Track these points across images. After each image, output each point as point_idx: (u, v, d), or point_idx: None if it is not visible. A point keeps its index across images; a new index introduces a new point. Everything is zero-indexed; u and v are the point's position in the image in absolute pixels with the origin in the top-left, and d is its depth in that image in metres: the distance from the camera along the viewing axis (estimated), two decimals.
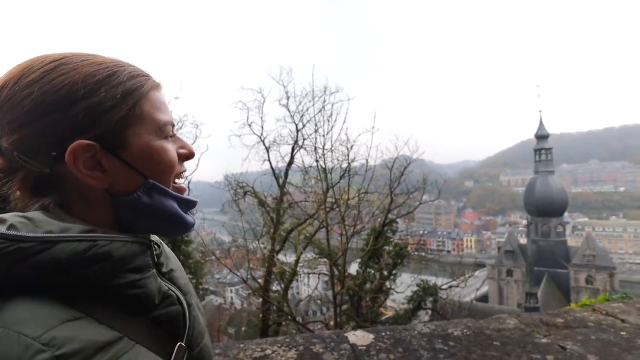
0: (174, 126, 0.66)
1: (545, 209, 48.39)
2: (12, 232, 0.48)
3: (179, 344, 0.64)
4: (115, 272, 0.54)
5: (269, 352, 1.88)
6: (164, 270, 0.68)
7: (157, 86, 0.65)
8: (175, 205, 0.63)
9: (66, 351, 0.44)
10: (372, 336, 2.02)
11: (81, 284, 0.51)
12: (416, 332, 2.07)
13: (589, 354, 1.87)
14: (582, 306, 2.66)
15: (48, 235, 0.50)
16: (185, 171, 0.69)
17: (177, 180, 0.67)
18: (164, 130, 0.63)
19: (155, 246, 0.67)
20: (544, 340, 2.01)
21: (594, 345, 1.98)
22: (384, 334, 2.05)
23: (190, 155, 0.69)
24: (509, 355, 1.83)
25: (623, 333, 2.12)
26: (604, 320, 2.32)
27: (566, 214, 57.51)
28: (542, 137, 52.26)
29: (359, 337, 2.01)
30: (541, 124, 52.32)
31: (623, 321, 2.29)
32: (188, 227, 0.67)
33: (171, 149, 0.64)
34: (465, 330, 2.11)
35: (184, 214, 0.65)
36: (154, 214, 0.61)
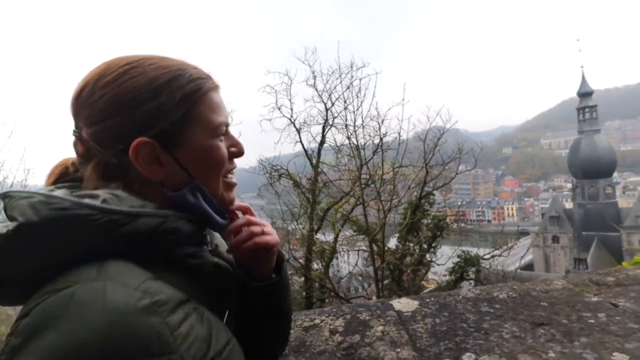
0: (227, 125, 0.72)
1: (592, 170, 45.86)
2: (105, 205, 0.57)
3: (228, 311, 0.75)
4: (179, 244, 0.63)
5: (317, 321, 1.96)
6: (210, 247, 0.76)
7: (215, 87, 0.71)
8: (208, 208, 0.69)
9: (160, 298, 0.53)
10: (416, 302, 2.06)
11: (150, 253, 0.60)
12: (460, 297, 2.09)
13: None
14: (635, 264, 2.57)
15: (132, 209, 0.59)
16: (234, 167, 0.76)
17: (229, 176, 0.74)
18: (218, 130, 0.69)
19: None
20: (594, 299, 1.98)
21: None
22: (428, 300, 2.08)
23: (239, 153, 0.75)
24: (557, 314, 1.81)
25: None
26: None
27: (615, 174, 54.41)
28: (585, 94, 49.07)
29: (404, 304, 2.06)
30: (583, 80, 49.07)
31: None
32: (218, 227, 0.74)
33: (222, 147, 0.70)
34: (511, 293, 2.10)
35: (215, 215, 0.71)
36: (194, 210, 0.68)
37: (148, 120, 0.63)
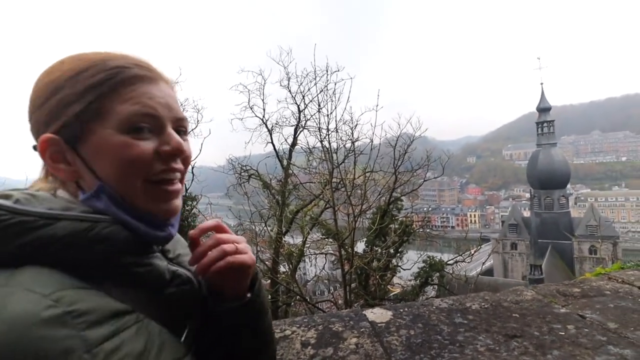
0: (160, 118, 0.60)
1: (548, 182, 48.34)
2: (15, 205, 0.52)
3: (188, 326, 0.67)
4: (118, 252, 0.56)
5: (288, 332, 1.88)
6: (170, 255, 0.68)
7: (141, 76, 0.61)
8: (121, 214, 0.58)
9: (76, 308, 0.46)
10: (390, 313, 2.02)
11: (92, 260, 0.54)
12: (434, 307, 2.06)
13: (609, 321, 1.87)
14: (597, 275, 2.65)
15: (49, 211, 0.53)
16: (170, 169, 0.61)
17: (160, 179, 0.61)
18: (130, 124, 0.58)
19: None
20: (563, 310, 2.01)
21: (612, 313, 1.97)
22: (402, 310, 2.05)
23: (172, 153, 0.61)
24: (529, 326, 1.82)
25: None
26: (621, 287, 2.31)
27: (569, 186, 57.56)
28: (543, 109, 51.67)
29: (377, 315, 2.01)
30: (542, 96, 51.67)
31: (639, 288, 2.29)
32: (152, 239, 0.61)
33: (136, 144, 0.58)
34: (483, 304, 2.10)
35: (138, 223, 0.59)
36: (112, 216, 0.59)
37: (50, 115, 0.58)
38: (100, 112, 0.57)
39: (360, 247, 10.78)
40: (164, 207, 0.62)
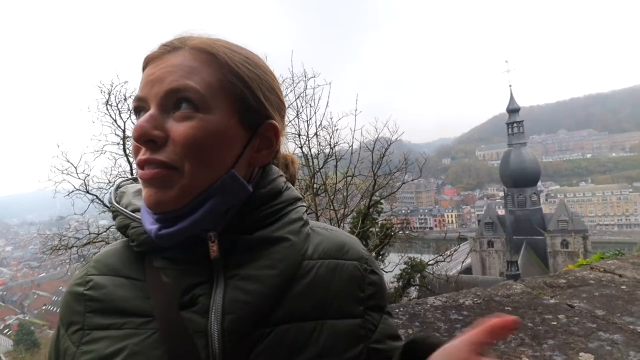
0: (142, 99, 0.52)
1: (520, 180, 49.87)
2: (114, 199, 0.62)
3: None
4: (150, 253, 0.56)
5: None
6: (229, 273, 0.53)
7: (149, 59, 0.54)
8: (144, 210, 0.56)
9: (94, 294, 0.54)
10: None
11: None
12: (429, 305, 2.08)
13: (597, 309, 1.93)
14: (580, 266, 2.74)
15: (116, 205, 0.61)
16: (142, 158, 0.50)
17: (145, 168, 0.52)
18: (135, 109, 0.54)
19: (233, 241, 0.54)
20: (552, 301, 2.06)
21: (599, 301, 2.04)
22: (397, 310, 2.05)
23: (135, 140, 0.50)
24: (522, 318, 1.86)
25: (623, 287, 2.19)
26: (603, 277, 2.40)
27: (539, 183, 59.53)
28: (513, 110, 53.42)
29: None
30: (512, 98, 53.45)
31: (621, 276, 2.38)
32: (155, 239, 0.52)
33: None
34: (476, 299, 2.13)
35: (148, 215, 0.54)
36: None
37: None
38: None
39: None
40: (145, 193, 0.52)
